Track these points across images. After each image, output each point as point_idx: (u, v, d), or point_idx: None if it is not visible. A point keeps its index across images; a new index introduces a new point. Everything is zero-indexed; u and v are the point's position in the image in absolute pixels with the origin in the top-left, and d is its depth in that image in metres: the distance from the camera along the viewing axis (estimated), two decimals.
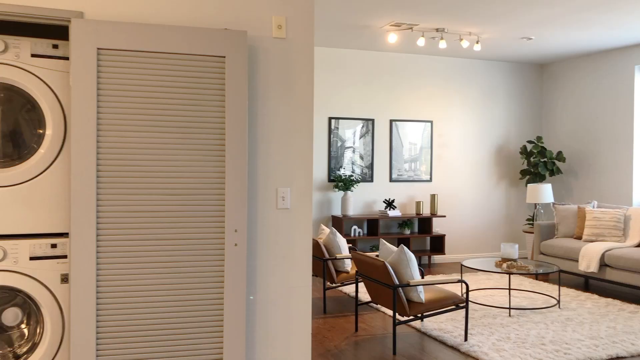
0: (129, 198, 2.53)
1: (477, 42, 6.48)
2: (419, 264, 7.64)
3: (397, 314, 4.10)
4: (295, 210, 2.91)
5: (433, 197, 7.56)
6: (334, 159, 7.31)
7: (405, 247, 4.12)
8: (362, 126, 7.46)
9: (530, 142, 7.95)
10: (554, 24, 6.02)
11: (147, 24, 2.53)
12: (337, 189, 7.25)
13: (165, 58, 2.57)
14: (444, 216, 7.64)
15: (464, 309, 4.26)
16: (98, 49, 2.49)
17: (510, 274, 5.07)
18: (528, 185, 7.36)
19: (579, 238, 6.35)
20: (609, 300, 5.55)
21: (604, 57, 7.43)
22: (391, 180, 7.61)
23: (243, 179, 2.65)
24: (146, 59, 2.55)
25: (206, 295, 2.62)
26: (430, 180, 7.82)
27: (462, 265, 5.43)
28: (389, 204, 7.38)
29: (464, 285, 6.12)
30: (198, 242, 2.62)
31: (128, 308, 2.53)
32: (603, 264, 5.78)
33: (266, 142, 2.85)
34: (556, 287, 6.11)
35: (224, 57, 2.63)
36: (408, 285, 4.01)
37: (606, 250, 5.76)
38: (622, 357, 3.96)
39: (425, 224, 7.56)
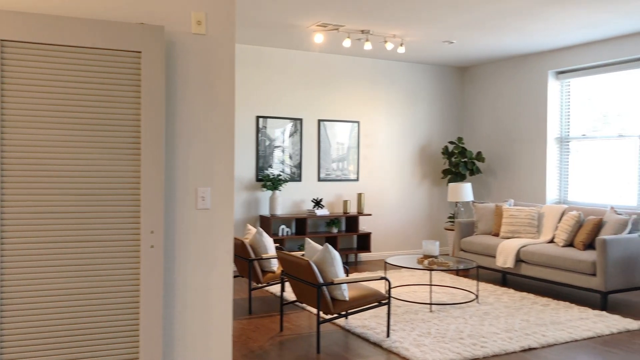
0: (36, 199, 2.40)
1: (402, 45, 6.62)
2: (346, 262, 7.73)
3: (321, 312, 4.13)
4: (216, 211, 2.86)
5: (360, 196, 7.67)
6: (262, 158, 7.26)
7: (329, 246, 4.15)
8: (291, 126, 7.45)
9: (451, 142, 8.22)
10: (474, 29, 6.25)
11: (57, 16, 2.41)
12: (265, 189, 7.21)
13: (77, 52, 2.46)
14: (370, 215, 7.77)
15: (387, 306, 4.34)
16: (2, 40, 2.35)
17: (431, 270, 5.22)
18: (449, 184, 7.60)
19: (497, 235, 6.63)
20: (524, 294, 5.82)
21: (521, 62, 7.79)
22: (319, 179, 7.65)
23: (160, 178, 2.58)
24: (56, 52, 2.43)
25: (121, 299, 2.53)
26: (357, 179, 7.93)
27: (385, 262, 5.54)
28: (317, 203, 7.42)
29: (387, 282, 6.23)
30: (112, 245, 2.52)
31: (36, 314, 2.40)
32: (519, 260, 6.05)
33: (185, 140, 2.78)
34: (476, 282, 6.35)
35: (140, 52, 2.55)
36: (332, 283, 4.04)
37: (521, 247, 6.04)
38: (534, 348, 4.16)
39: (352, 222, 7.65)
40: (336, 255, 4.17)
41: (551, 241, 6.17)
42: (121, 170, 2.53)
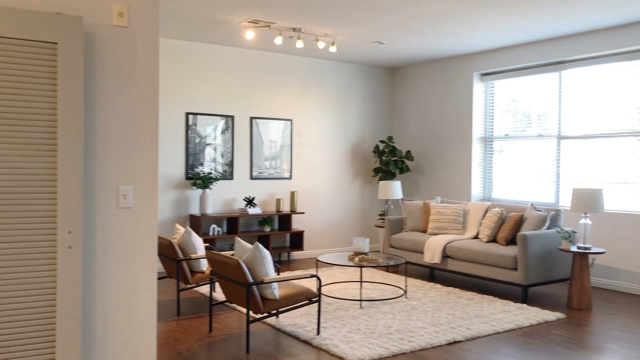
0: None
1: (333, 44, 6.67)
2: (279, 261, 7.71)
3: (251, 311, 4.08)
4: (139, 210, 2.76)
5: (293, 194, 7.67)
6: (192, 156, 7.11)
7: (260, 245, 4.11)
8: (223, 123, 7.34)
9: (382, 141, 8.37)
10: (403, 30, 6.37)
11: None
12: (195, 187, 7.07)
13: None
14: (303, 213, 7.79)
15: (318, 304, 4.35)
16: None
17: (361, 267, 5.29)
18: (380, 182, 7.73)
19: (425, 231, 6.80)
20: (450, 289, 6.00)
21: (448, 64, 8.03)
22: (252, 178, 7.59)
23: (77, 176, 2.46)
24: None
25: (37, 302, 2.40)
26: (291, 177, 7.92)
27: (317, 260, 5.56)
28: (249, 201, 7.35)
29: (318, 280, 6.26)
30: (27, 245, 2.39)
31: None
32: (445, 255, 6.23)
33: (105, 136, 2.67)
34: (404, 278, 6.48)
35: (56, 43, 2.42)
36: (262, 282, 4.01)
37: (448, 243, 6.22)
38: (459, 341, 4.29)
39: (285, 221, 7.64)
40: (266, 254, 4.14)
41: (476, 237, 6.39)
42: (36, 167, 2.40)
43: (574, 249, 5.38)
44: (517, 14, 5.65)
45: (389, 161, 8.24)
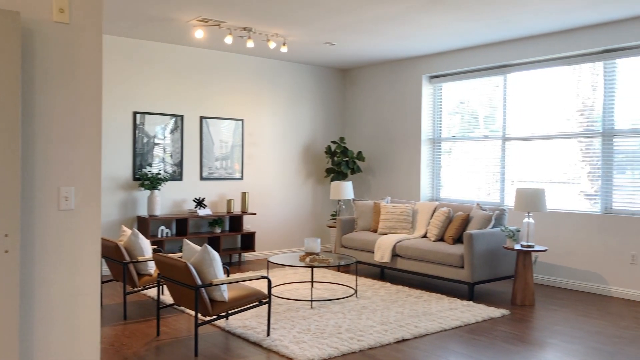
0: None
1: (284, 44, 6.66)
2: (230, 262, 7.64)
3: (200, 314, 4.03)
4: (81, 212, 2.68)
5: (244, 195, 7.61)
6: (140, 156, 6.96)
7: (208, 247, 4.06)
8: (172, 123, 7.22)
9: (334, 142, 8.41)
10: (353, 32, 6.42)
11: None
12: (143, 188, 6.92)
13: None
14: (255, 214, 7.74)
15: (268, 305, 4.33)
16: None
17: (312, 267, 5.30)
18: (331, 182, 7.77)
19: (375, 231, 6.87)
20: (400, 287, 6.09)
21: (398, 66, 8.15)
22: (202, 178, 7.49)
23: (15, 177, 2.37)
24: None
25: None
26: (242, 178, 7.86)
27: (268, 261, 5.54)
28: (199, 202, 7.25)
29: (268, 281, 6.25)
30: None
31: None
32: (395, 254, 6.32)
33: (45, 136, 2.58)
34: (355, 277, 6.53)
35: None
36: (211, 285, 3.96)
37: (397, 242, 6.31)
38: (407, 339, 4.36)
39: (236, 222, 7.57)
40: (215, 255, 4.09)
41: (424, 236, 6.51)
42: None
43: (517, 247, 5.55)
44: (464, 19, 5.78)
45: (340, 162, 8.30)
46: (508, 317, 5.05)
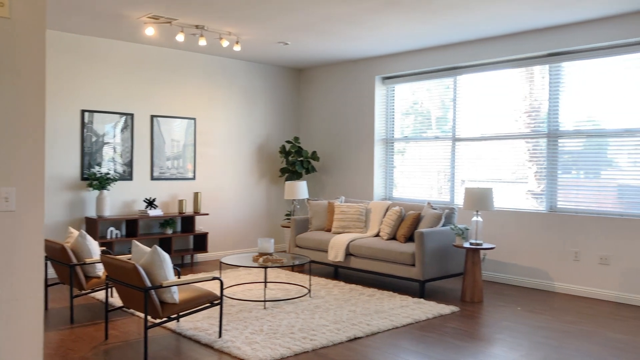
0: None
1: (237, 43, 6.61)
2: (182, 263, 7.53)
3: (150, 316, 3.95)
4: (23, 213, 2.59)
5: (196, 195, 7.52)
6: (88, 155, 6.77)
7: (158, 248, 3.99)
8: (121, 121, 7.05)
9: (288, 142, 8.41)
10: (307, 32, 6.43)
11: None
12: (92, 188, 6.74)
13: None
14: (207, 214, 7.66)
15: (220, 306, 4.29)
16: None
17: (265, 267, 5.28)
18: (286, 182, 7.76)
19: (329, 230, 6.91)
20: (353, 286, 6.13)
21: (351, 67, 8.21)
22: (153, 178, 7.35)
23: None
24: None
25: None
26: (194, 178, 7.76)
27: (220, 262, 5.48)
28: (150, 203, 7.12)
29: (220, 282, 6.19)
30: None
31: None
32: (348, 254, 6.36)
33: None
34: (309, 277, 6.54)
35: None
36: (160, 287, 3.89)
37: (350, 241, 6.36)
38: (359, 338, 4.40)
39: (188, 222, 7.47)
40: (165, 257, 4.02)
41: (377, 235, 6.58)
42: None
43: (466, 245, 5.68)
44: (416, 21, 5.87)
45: (295, 161, 8.29)
46: (457, 314, 5.16)
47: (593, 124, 5.96)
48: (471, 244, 5.69)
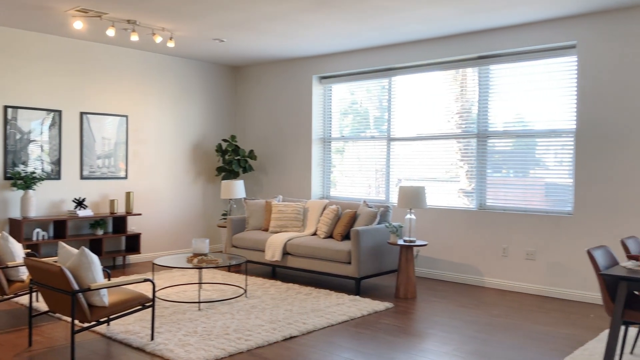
0: None
1: (171, 39, 6.46)
2: (114, 265, 7.30)
3: (77, 320, 3.81)
4: None
5: (129, 194, 7.30)
6: (12, 154, 6.45)
7: (86, 249, 3.85)
8: (49, 118, 6.75)
9: (225, 140, 8.31)
10: (242, 29, 6.37)
11: None
12: (16, 188, 6.42)
13: None
14: (140, 214, 7.46)
15: (152, 308, 4.18)
16: None
17: (200, 268, 5.19)
18: (222, 182, 7.66)
19: (267, 230, 6.88)
20: (290, 285, 6.13)
21: (289, 65, 8.20)
22: (82, 177, 7.08)
23: None
24: None
25: None
26: (126, 177, 7.53)
27: (153, 263, 5.35)
28: (79, 203, 6.85)
29: (152, 284, 6.05)
30: None
31: None
32: (286, 253, 6.36)
33: None
34: (245, 277, 6.49)
35: None
36: (89, 289, 3.76)
37: (288, 240, 6.35)
38: (295, 337, 4.40)
39: (120, 223, 7.25)
40: (94, 259, 3.88)
41: (314, 234, 6.61)
42: None
43: (400, 242, 5.79)
44: (351, 22, 5.93)
45: (232, 160, 8.20)
46: (392, 310, 5.25)
47: (522, 125, 6.22)
48: (405, 241, 5.81)
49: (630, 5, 5.29)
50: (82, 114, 7.06)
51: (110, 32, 5.97)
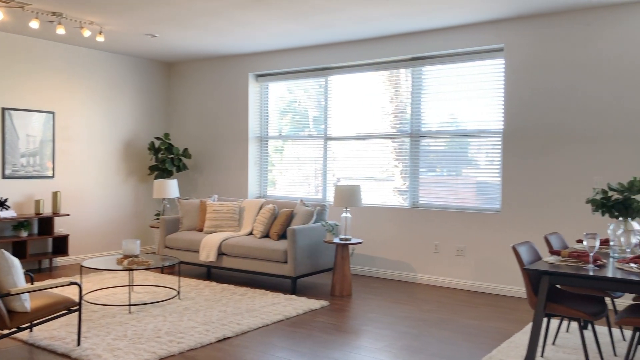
0: None
1: (100, 33, 6.24)
2: (40, 268, 6.97)
3: None
4: None
5: (56, 194, 6.99)
6: None
7: (5, 252, 3.65)
8: None
9: (158, 138, 8.10)
10: (175, 25, 6.23)
11: None
12: None
13: None
14: (68, 215, 7.16)
15: (78, 313, 4.02)
16: None
17: (130, 270, 5.04)
18: (155, 181, 7.46)
19: (201, 230, 6.75)
20: (225, 286, 6.05)
21: (224, 63, 8.09)
22: (4, 176, 6.72)
23: None
24: None
25: None
26: (53, 176, 7.21)
27: (81, 266, 5.15)
28: (1, 203, 6.50)
29: (78, 287, 5.82)
30: None
31: None
32: (221, 253, 6.27)
33: None
34: (179, 278, 6.36)
35: None
36: (8, 294, 3.56)
37: (223, 240, 6.26)
38: (229, 337, 4.34)
39: (46, 224, 6.93)
40: (14, 262, 3.69)
41: (250, 233, 6.55)
42: None
43: (336, 240, 5.83)
44: (287, 20, 5.91)
45: (165, 159, 8.01)
46: (327, 308, 5.28)
47: (455, 125, 6.39)
48: (341, 239, 5.85)
49: (554, 10, 5.54)
50: (3, 109, 6.70)
51: (34, 24, 5.69)
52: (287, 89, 7.74)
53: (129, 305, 5.01)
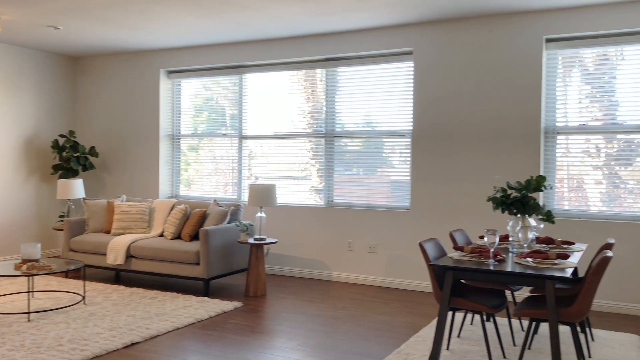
0: None
1: None
2: None
3: None
4: None
5: None
6: None
7: None
8: None
9: (62, 136, 7.68)
10: (81, 17, 5.93)
11: None
12: None
13: None
14: None
15: None
16: None
17: (29, 275, 4.74)
18: (58, 180, 7.08)
19: (109, 232, 6.48)
20: (134, 289, 5.83)
21: (134, 58, 7.80)
22: None
23: None
24: None
25: None
26: None
27: None
28: None
29: None
30: None
31: None
32: (130, 255, 6.04)
33: None
34: (85, 283, 6.07)
35: None
36: None
37: (132, 242, 6.04)
38: (137, 343, 4.19)
39: None
40: None
41: (161, 235, 6.36)
42: None
43: (251, 240, 5.78)
44: (200, 16, 5.79)
45: (70, 157, 7.61)
46: (241, 309, 5.22)
47: (370, 126, 6.51)
48: (255, 239, 5.80)
49: (460, 16, 5.79)
50: None
51: None
52: (203, 86, 7.58)
53: (28, 312, 4.72)
